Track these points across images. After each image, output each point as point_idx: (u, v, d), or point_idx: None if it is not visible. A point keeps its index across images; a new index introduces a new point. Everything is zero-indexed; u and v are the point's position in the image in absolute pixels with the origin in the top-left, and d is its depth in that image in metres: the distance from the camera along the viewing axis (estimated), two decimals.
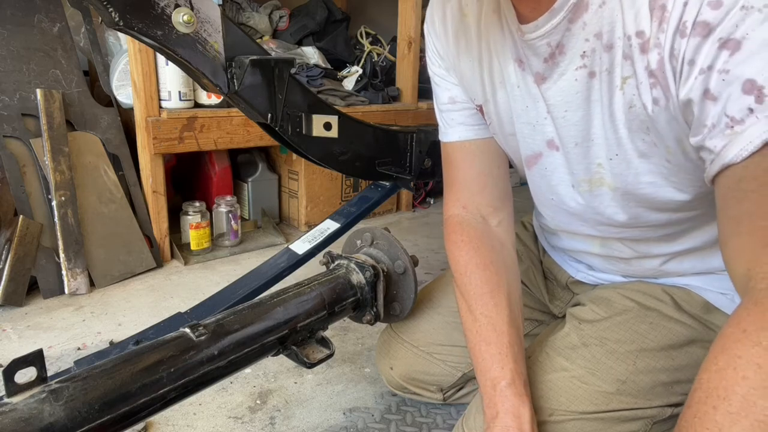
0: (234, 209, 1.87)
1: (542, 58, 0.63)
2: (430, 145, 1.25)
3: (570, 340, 0.76)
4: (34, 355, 0.51)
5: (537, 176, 0.76)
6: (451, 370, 0.95)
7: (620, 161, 0.63)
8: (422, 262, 1.69)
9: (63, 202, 1.47)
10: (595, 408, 0.70)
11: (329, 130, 1.06)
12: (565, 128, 0.66)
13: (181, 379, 0.61)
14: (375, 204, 1.29)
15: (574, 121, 0.65)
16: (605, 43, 0.56)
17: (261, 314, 0.73)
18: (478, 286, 0.76)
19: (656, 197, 0.65)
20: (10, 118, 1.45)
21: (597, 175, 0.67)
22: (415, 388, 0.98)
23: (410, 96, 2.27)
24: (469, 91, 0.78)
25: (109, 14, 0.73)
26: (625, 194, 0.67)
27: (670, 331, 0.73)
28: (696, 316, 0.74)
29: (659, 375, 0.71)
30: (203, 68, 0.85)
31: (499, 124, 0.76)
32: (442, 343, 0.94)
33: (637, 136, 0.60)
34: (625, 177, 0.64)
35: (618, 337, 0.74)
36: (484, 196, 0.82)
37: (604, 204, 0.70)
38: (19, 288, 1.42)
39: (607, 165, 0.65)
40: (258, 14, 2.16)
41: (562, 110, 0.65)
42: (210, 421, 1.01)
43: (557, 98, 0.65)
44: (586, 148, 0.66)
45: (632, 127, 0.59)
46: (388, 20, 2.60)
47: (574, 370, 0.73)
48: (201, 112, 1.67)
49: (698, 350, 0.73)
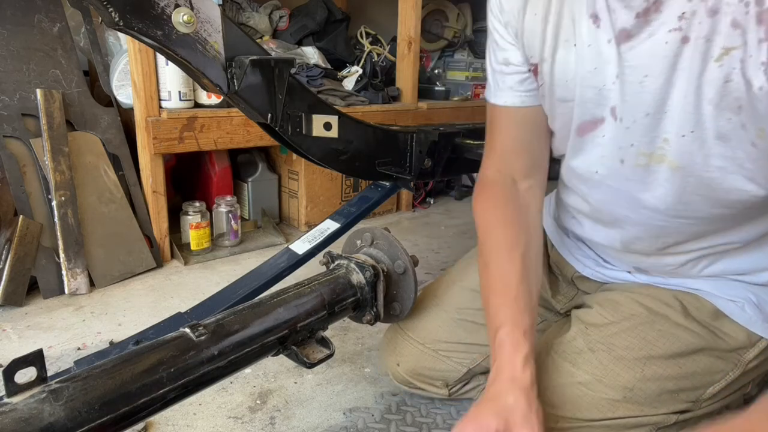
0: (234, 209, 1.87)
1: (635, 12, 0.58)
2: (430, 145, 1.25)
3: (576, 345, 0.75)
4: (34, 355, 0.51)
5: (589, 145, 0.71)
6: (457, 366, 0.96)
7: (693, 139, 0.59)
8: (422, 262, 1.69)
9: (63, 202, 1.47)
10: (601, 416, 0.70)
11: (329, 130, 1.06)
12: (638, 95, 0.61)
13: (181, 379, 0.61)
14: (375, 204, 1.29)
15: (652, 89, 0.60)
16: (710, 7, 0.52)
17: (261, 314, 0.73)
18: (497, 241, 0.76)
19: (722, 185, 0.61)
20: (10, 118, 1.45)
21: (660, 151, 0.63)
22: (420, 383, 1.00)
23: (410, 96, 2.27)
24: (528, 48, 0.73)
25: (109, 14, 0.73)
26: (686, 177, 0.62)
27: (678, 339, 0.72)
28: (704, 323, 0.73)
29: (666, 383, 0.71)
30: (203, 68, 0.85)
31: (551, 86, 0.72)
32: (447, 340, 0.96)
33: (724, 114, 0.55)
34: (694, 157, 0.60)
35: (626, 344, 0.73)
36: (519, 163, 0.81)
37: (656, 183, 0.66)
38: (19, 288, 1.42)
39: (675, 142, 0.60)
40: (258, 14, 2.16)
41: (641, 75, 0.60)
42: (210, 421, 1.01)
43: (639, 60, 0.59)
44: (656, 120, 0.61)
45: (721, 104, 0.55)
46: (388, 20, 2.60)
47: (580, 375, 0.72)
48: (201, 112, 1.67)
49: (705, 358, 0.72)
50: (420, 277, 0.93)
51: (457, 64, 2.57)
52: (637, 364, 0.71)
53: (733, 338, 0.72)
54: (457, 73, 2.56)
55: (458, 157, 1.32)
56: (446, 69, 2.61)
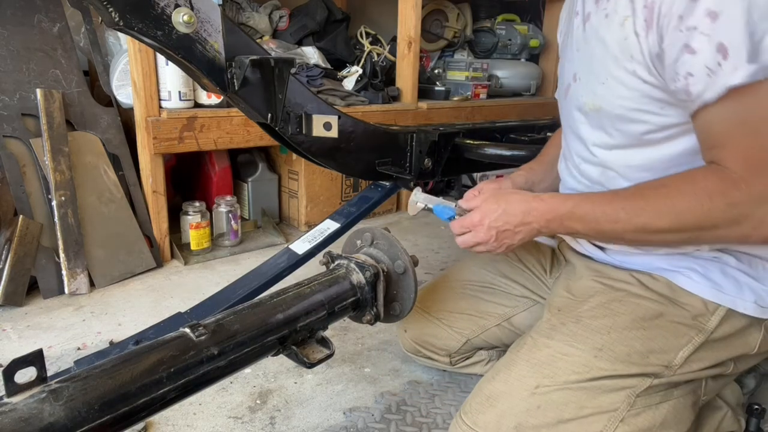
0: (234, 209, 1.87)
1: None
2: (430, 145, 1.25)
3: (550, 323, 0.84)
4: (34, 355, 0.51)
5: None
6: (457, 335, 1.08)
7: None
8: (422, 262, 1.69)
9: (63, 202, 1.47)
10: (577, 377, 0.74)
11: (329, 130, 1.06)
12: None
13: (181, 379, 0.61)
14: (375, 204, 1.29)
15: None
16: None
17: (261, 314, 0.73)
18: (553, 138, 1.10)
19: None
20: (10, 118, 1.45)
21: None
22: (426, 351, 1.12)
23: (410, 96, 2.27)
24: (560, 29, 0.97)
25: (109, 14, 0.73)
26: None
27: (638, 305, 0.79)
28: (662, 293, 0.80)
29: (633, 342, 0.76)
30: (203, 68, 0.85)
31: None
32: (450, 310, 1.08)
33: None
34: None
35: (591, 314, 0.81)
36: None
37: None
38: (19, 288, 1.42)
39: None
40: (258, 14, 2.15)
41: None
42: (210, 421, 1.01)
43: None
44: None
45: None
46: (388, 20, 2.59)
47: (555, 345, 0.79)
48: (201, 112, 1.67)
49: (667, 323, 0.77)
50: (420, 277, 0.94)
51: (457, 64, 2.57)
52: (604, 328, 0.78)
53: (691, 305, 0.78)
54: (457, 73, 2.56)
55: (458, 157, 1.32)
56: (446, 69, 2.61)
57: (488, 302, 1.07)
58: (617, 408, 0.73)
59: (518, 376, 0.78)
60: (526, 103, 2.73)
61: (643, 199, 0.72)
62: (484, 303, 1.07)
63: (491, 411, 0.76)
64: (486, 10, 2.96)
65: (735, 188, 0.65)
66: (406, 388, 1.13)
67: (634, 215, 0.72)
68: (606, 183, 0.83)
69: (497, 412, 0.75)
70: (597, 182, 0.85)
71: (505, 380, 0.78)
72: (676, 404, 0.76)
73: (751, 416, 0.93)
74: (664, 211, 0.70)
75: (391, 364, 1.22)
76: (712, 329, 0.76)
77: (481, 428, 0.75)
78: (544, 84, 2.99)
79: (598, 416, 0.72)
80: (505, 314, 1.05)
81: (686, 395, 0.78)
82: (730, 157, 0.65)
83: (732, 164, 0.65)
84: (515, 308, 1.05)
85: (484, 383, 0.81)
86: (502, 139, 1.51)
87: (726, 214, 0.66)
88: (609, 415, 0.73)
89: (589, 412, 0.73)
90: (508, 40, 2.83)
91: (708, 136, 0.69)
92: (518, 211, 0.81)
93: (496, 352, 1.14)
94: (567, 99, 0.90)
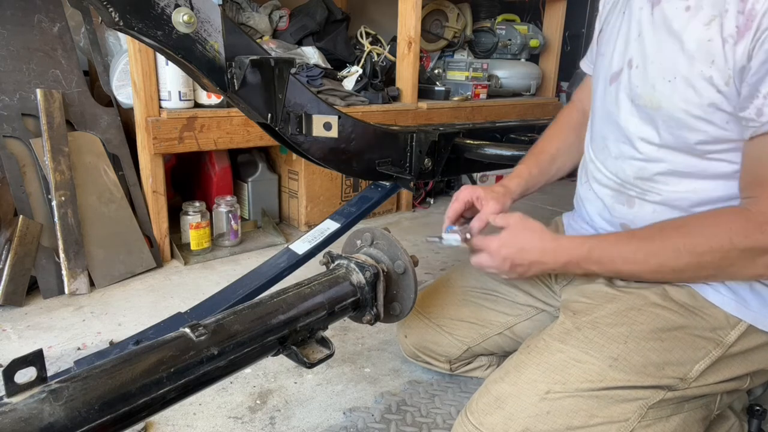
0: (234, 209, 1.87)
1: None
2: (430, 145, 1.25)
3: (565, 327, 0.82)
4: (34, 355, 0.51)
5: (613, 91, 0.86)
6: (457, 343, 1.07)
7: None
8: (422, 262, 1.69)
9: (63, 202, 1.47)
10: (589, 385, 0.73)
11: (329, 130, 1.06)
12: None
13: (181, 379, 0.61)
14: (375, 204, 1.28)
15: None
16: None
17: (261, 314, 0.73)
18: (548, 133, 1.08)
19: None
20: (10, 118, 1.45)
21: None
22: (426, 356, 1.12)
23: (410, 96, 2.27)
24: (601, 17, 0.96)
25: (109, 14, 0.73)
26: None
27: (658, 316, 0.77)
28: (683, 303, 0.77)
29: (649, 354, 0.74)
30: (203, 68, 0.85)
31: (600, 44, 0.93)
32: (451, 317, 1.07)
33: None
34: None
35: (609, 321, 0.78)
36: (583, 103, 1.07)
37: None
38: (19, 288, 1.42)
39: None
40: (258, 14, 2.15)
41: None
42: (210, 421, 1.01)
43: None
44: None
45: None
46: (388, 20, 2.60)
47: (568, 351, 0.77)
48: (201, 112, 1.67)
49: (686, 336, 0.75)
50: (420, 277, 0.93)
51: (457, 64, 2.57)
52: (621, 337, 0.76)
53: (712, 317, 0.76)
54: (457, 73, 2.56)
55: (458, 157, 1.32)
56: (446, 69, 2.61)
57: (490, 310, 1.04)
58: (628, 419, 0.72)
59: (528, 379, 0.76)
60: (526, 103, 2.73)
61: (662, 239, 0.72)
62: (486, 311, 1.05)
63: (499, 413, 0.75)
64: (486, 10, 2.96)
65: (759, 231, 0.65)
66: (406, 388, 1.13)
67: (651, 255, 0.72)
68: (642, 185, 0.80)
69: (505, 414, 0.75)
70: (631, 184, 0.82)
71: (515, 382, 0.77)
72: (686, 417, 0.75)
73: (752, 417, 0.93)
74: (683, 251, 0.70)
75: (391, 364, 1.22)
76: (730, 343, 0.75)
77: (487, 429, 0.75)
78: (544, 84, 2.99)
79: (608, 426, 0.72)
80: (507, 323, 1.03)
81: (697, 409, 0.77)
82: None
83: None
84: (518, 317, 1.03)
85: (491, 383, 0.80)
86: (502, 139, 1.52)
87: (744, 254, 0.67)
88: (619, 425, 0.72)
89: (599, 421, 0.72)
90: (508, 40, 2.83)
91: (758, 164, 0.67)
92: (535, 250, 0.81)
93: (496, 357, 1.13)
94: (614, 84, 0.83)
